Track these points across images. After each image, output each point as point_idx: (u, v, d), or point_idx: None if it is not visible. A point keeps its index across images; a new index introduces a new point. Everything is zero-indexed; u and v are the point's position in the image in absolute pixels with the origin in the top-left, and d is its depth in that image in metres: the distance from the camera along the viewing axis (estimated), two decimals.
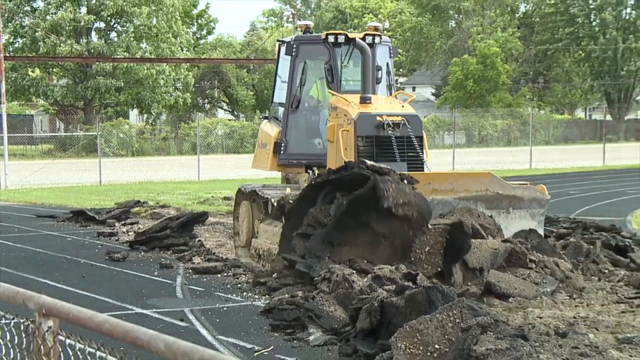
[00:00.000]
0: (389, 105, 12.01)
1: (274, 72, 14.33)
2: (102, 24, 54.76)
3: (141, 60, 50.78)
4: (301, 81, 13.06)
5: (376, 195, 9.00)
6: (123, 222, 16.63)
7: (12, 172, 28.48)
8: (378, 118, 11.41)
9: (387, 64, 13.34)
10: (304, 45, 13.07)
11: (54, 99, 54.65)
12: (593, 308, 8.39)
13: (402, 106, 11.98)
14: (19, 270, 11.49)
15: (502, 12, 70.02)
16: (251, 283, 10.06)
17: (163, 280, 10.71)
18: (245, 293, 9.75)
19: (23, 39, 52.81)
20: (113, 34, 55.13)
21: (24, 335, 3.80)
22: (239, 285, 10.25)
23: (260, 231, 11.97)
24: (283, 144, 13.09)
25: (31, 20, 51.97)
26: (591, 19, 68.46)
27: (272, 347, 7.27)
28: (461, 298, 6.96)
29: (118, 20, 54.56)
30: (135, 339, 2.93)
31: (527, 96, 70.46)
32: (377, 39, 12.77)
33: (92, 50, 52.14)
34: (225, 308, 8.98)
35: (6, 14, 48.22)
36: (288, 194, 10.98)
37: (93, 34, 54.93)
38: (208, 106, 70.76)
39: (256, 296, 9.52)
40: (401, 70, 77.84)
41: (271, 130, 13.60)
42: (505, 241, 9.51)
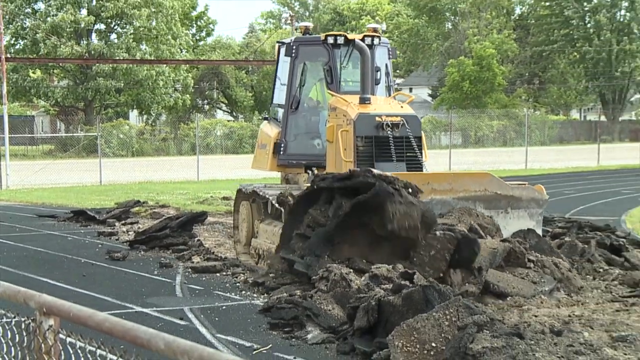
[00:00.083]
0: (388, 105, 11.95)
1: (274, 73, 14.27)
2: (103, 26, 54.74)
3: (141, 61, 50.75)
4: (301, 82, 13.01)
5: (382, 214, 8.82)
6: (123, 222, 16.62)
7: (14, 172, 28.46)
8: (377, 118, 11.36)
9: (386, 65, 13.30)
10: (304, 46, 13.03)
11: (55, 100, 54.61)
12: (588, 307, 8.39)
13: (401, 107, 11.93)
14: (20, 269, 11.48)
15: (498, 14, 70.04)
16: (250, 283, 10.04)
17: (163, 279, 10.71)
18: (244, 292, 9.75)
19: (24, 41, 52.74)
20: (113, 36, 55.10)
21: (25, 333, 3.79)
22: (238, 284, 10.24)
23: (260, 231, 11.95)
24: (283, 145, 13.05)
25: (32, 22, 51.91)
26: (586, 21, 68.44)
27: (271, 346, 7.27)
28: (457, 297, 6.97)
29: (118, 22, 54.53)
30: (135, 338, 2.93)
31: (523, 97, 70.46)
32: (376, 40, 12.73)
33: (93, 51, 52.11)
34: (224, 307, 8.97)
35: (7, 16, 48.16)
36: (287, 190, 10.96)
37: (93, 36, 54.92)
38: (207, 107, 70.72)
39: (255, 295, 9.51)
40: (398, 71, 77.80)
41: (271, 130, 13.56)
42: (504, 241, 9.48)
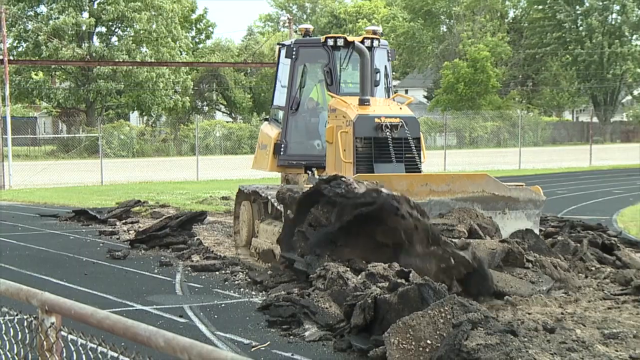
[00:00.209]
0: (387, 107, 11.84)
1: (274, 75, 14.21)
2: (104, 29, 54.70)
3: (141, 64, 50.73)
4: (301, 83, 12.95)
5: (388, 228, 8.65)
6: (124, 221, 16.61)
7: (16, 173, 28.43)
8: (376, 120, 11.25)
9: (385, 67, 13.22)
10: (304, 48, 12.96)
11: (57, 102, 54.57)
12: (580, 304, 8.40)
13: (400, 108, 11.82)
14: (23, 268, 11.47)
15: (492, 18, 70.04)
16: (248, 281, 10.02)
17: (163, 277, 10.70)
18: (242, 290, 9.74)
19: (26, 43, 52.69)
20: (114, 39, 55.06)
21: (27, 331, 3.79)
22: (237, 282, 10.24)
23: (260, 231, 11.92)
24: (283, 145, 13.01)
25: (34, 24, 51.86)
26: (578, 24, 68.49)
27: (269, 343, 7.27)
28: (452, 295, 6.96)
29: (119, 25, 54.49)
30: (135, 335, 2.92)
31: (516, 99, 70.47)
32: (376, 43, 12.66)
33: (94, 54, 52.07)
34: (223, 305, 8.97)
35: (10, 19, 48.09)
36: (284, 187, 10.91)
37: (94, 38, 54.88)
38: (206, 108, 70.71)
39: (253, 293, 9.51)
40: (394, 73, 77.66)
41: (271, 131, 13.51)
42: (502, 241, 9.43)
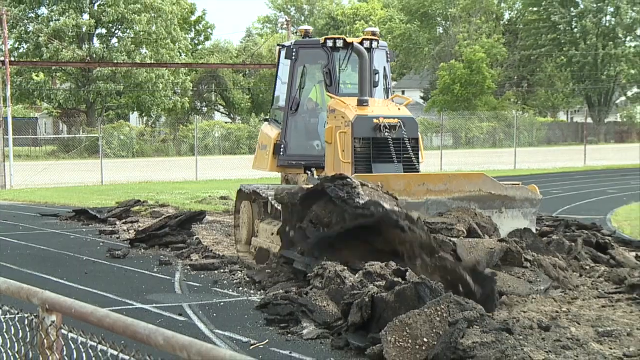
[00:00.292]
0: (386, 108, 11.78)
1: (274, 76, 14.16)
2: (104, 30, 54.68)
3: (141, 65, 50.72)
4: (300, 84, 12.92)
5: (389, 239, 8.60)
6: (124, 221, 16.60)
7: (17, 173, 28.41)
8: (375, 120, 11.19)
9: (384, 68, 13.18)
10: (304, 49, 12.91)
11: (58, 103, 54.56)
12: (575, 303, 8.40)
13: (399, 109, 11.77)
14: (24, 267, 11.46)
15: (488, 20, 70.07)
16: (247, 279, 10.01)
17: (162, 276, 10.69)
18: (241, 289, 9.74)
19: (27, 45, 52.66)
20: (114, 40, 55.04)
21: (28, 329, 3.79)
22: (236, 281, 10.23)
23: (260, 230, 11.90)
24: (283, 146, 12.98)
25: (35, 26, 51.83)
26: (572, 26, 68.52)
27: (267, 341, 7.26)
28: (448, 293, 6.96)
29: (119, 26, 54.47)
30: (135, 333, 2.92)
31: (512, 100, 70.50)
32: (375, 44, 12.62)
33: (94, 55, 52.03)
34: (222, 303, 8.96)
35: (11, 21, 48.06)
36: (280, 188, 10.88)
37: (95, 40, 54.85)
38: (206, 109, 70.74)
39: (252, 292, 9.50)
40: (391, 74, 77.69)
41: (271, 132, 13.48)
42: (501, 241, 9.39)
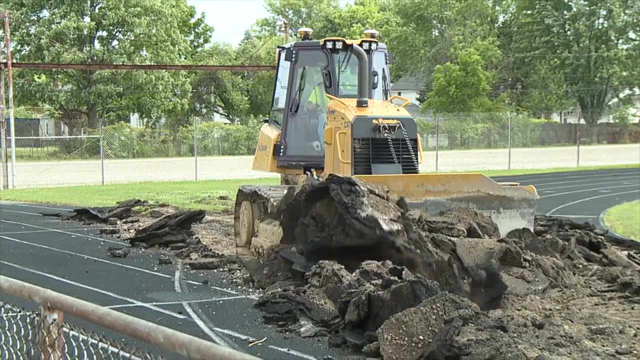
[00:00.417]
0: (385, 109, 11.74)
1: (273, 78, 14.13)
2: (104, 33, 54.64)
3: (141, 67, 50.67)
4: (300, 86, 12.89)
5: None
6: (124, 220, 16.59)
7: (19, 173, 28.38)
8: (374, 121, 11.14)
9: (383, 70, 13.12)
10: (303, 51, 12.88)
11: (59, 104, 54.54)
12: (569, 301, 8.41)
13: (398, 110, 11.73)
14: (26, 265, 11.45)
15: (482, 22, 70.14)
16: (246, 277, 10.00)
17: (162, 275, 10.68)
18: (240, 287, 9.73)
19: (29, 47, 52.60)
20: (114, 42, 55.01)
21: (30, 327, 3.78)
22: (234, 279, 10.23)
23: (260, 230, 11.87)
24: (282, 146, 12.96)
25: (37, 28, 51.76)
26: (566, 29, 68.56)
27: (265, 339, 7.26)
28: (444, 292, 6.96)
29: (119, 29, 54.43)
30: (135, 331, 2.92)
31: (506, 101, 70.59)
32: (374, 46, 12.57)
33: (95, 57, 51.99)
34: (221, 301, 8.96)
35: (13, 23, 48.01)
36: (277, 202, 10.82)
37: (96, 42, 54.81)
38: (205, 110, 70.72)
39: (250, 290, 9.50)
40: None
41: (271, 133, 13.45)
42: (500, 241, 9.37)
